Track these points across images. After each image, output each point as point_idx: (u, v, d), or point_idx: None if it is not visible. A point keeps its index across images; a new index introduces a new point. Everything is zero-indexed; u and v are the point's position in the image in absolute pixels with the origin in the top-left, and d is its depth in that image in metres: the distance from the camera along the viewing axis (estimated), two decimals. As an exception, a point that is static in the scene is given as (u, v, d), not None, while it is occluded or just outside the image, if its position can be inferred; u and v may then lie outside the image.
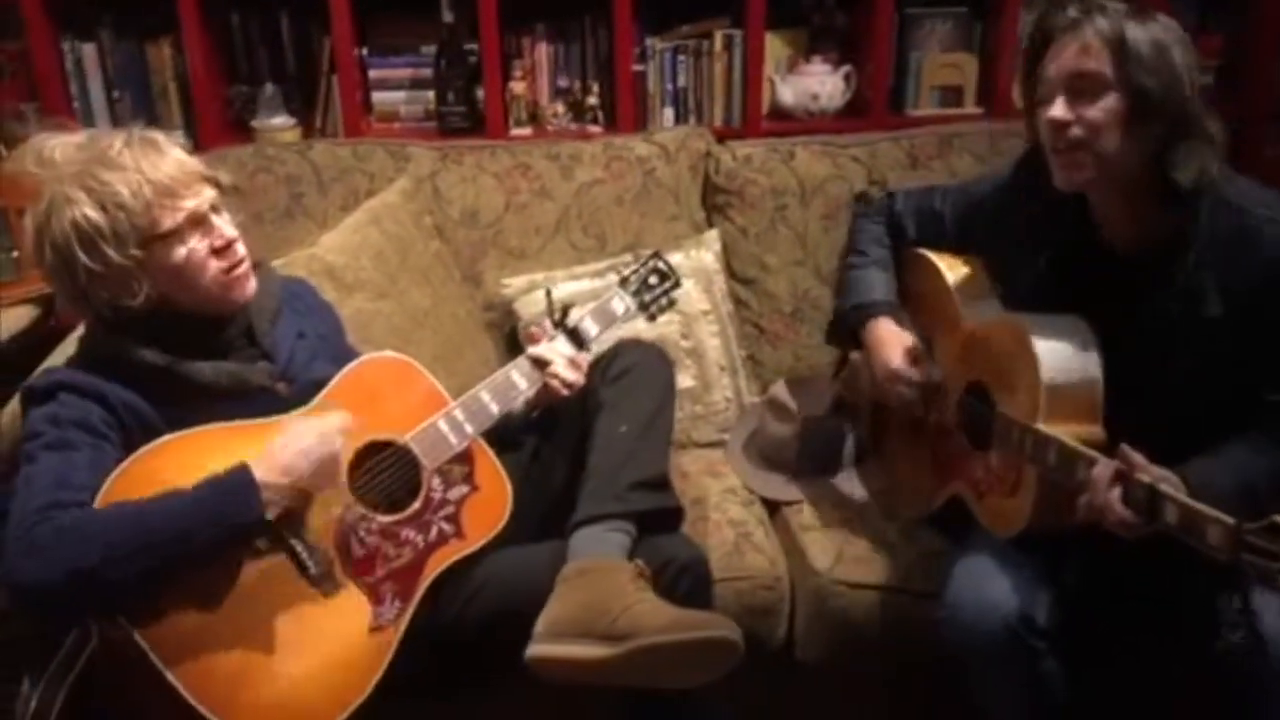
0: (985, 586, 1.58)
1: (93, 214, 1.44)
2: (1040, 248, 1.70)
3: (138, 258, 1.46)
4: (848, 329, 1.92)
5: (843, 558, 1.84)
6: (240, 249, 1.56)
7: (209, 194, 1.53)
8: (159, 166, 1.48)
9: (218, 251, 1.53)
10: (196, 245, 1.51)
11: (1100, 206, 1.63)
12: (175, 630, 1.41)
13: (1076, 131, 1.51)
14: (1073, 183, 1.57)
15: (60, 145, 1.51)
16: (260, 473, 1.43)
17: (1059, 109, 1.52)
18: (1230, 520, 1.28)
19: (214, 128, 2.55)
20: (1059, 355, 1.58)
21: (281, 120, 2.57)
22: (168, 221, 1.48)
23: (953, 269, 1.84)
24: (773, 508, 2.03)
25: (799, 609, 1.86)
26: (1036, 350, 1.58)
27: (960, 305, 1.80)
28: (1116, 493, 1.41)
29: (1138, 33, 1.49)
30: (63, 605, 1.39)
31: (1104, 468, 1.43)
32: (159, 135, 1.53)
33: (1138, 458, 1.41)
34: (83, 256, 1.44)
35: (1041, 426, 1.54)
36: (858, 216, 1.99)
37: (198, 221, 1.51)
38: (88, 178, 1.46)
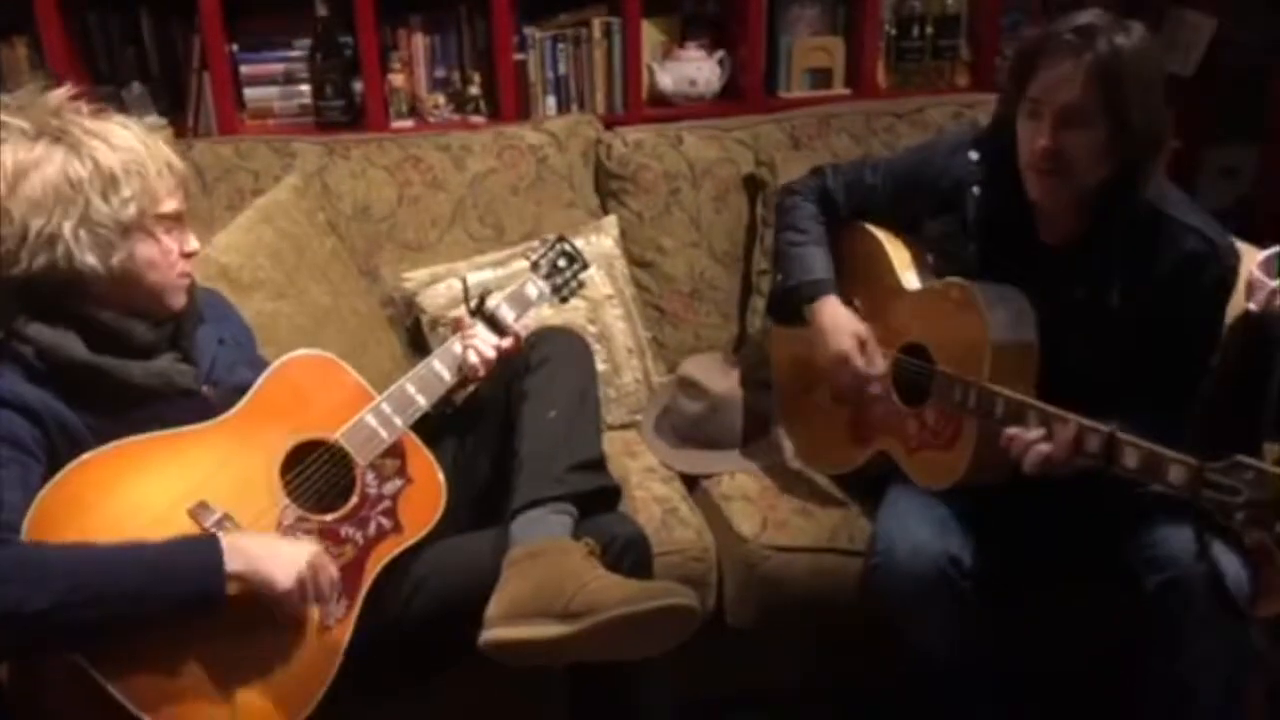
0: (914, 530, 1.68)
1: (114, 166, 1.43)
2: (976, 233, 1.78)
3: (135, 220, 1.45)
4: (793, 305, 1.94)
5: (768, 523, 1.90)
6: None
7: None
8: (172, 157, 1.51)
9: (185, 256, 1.54)
10: (172, 241, 1.51)
11: (1048, 209, 1.70)
12: (116, 645, 1.36)
13: (1059, 157, 1.58)
14: (1044, 197, 1.65)
15: (68, 101, 1.51)
16: (231, 560, 1.39)
17: (1047, 138, 1.57)
18: (1193, 460, 1.39)
19: (79, 130, 2.42)
20: (1004, 318, 1.67)
21: (152, 120, 2.46)
22: (168, 204, 1.49)
23: (890, 240, 1.92)
24: (690, 482, 2.08)
25: (727, 576, 1.92)
26: (983, 312, 1.67)
27: (899, 270, 1.87)
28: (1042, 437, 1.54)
29: (1129, 61, 1.52)
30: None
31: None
32: None
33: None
34: (96, 199, 1.42)
35: (986, 384, 1.63)
36: (790, 194, 2.05)
37: (179, 219, 1.53)
38: (113, 137, 1.45)
